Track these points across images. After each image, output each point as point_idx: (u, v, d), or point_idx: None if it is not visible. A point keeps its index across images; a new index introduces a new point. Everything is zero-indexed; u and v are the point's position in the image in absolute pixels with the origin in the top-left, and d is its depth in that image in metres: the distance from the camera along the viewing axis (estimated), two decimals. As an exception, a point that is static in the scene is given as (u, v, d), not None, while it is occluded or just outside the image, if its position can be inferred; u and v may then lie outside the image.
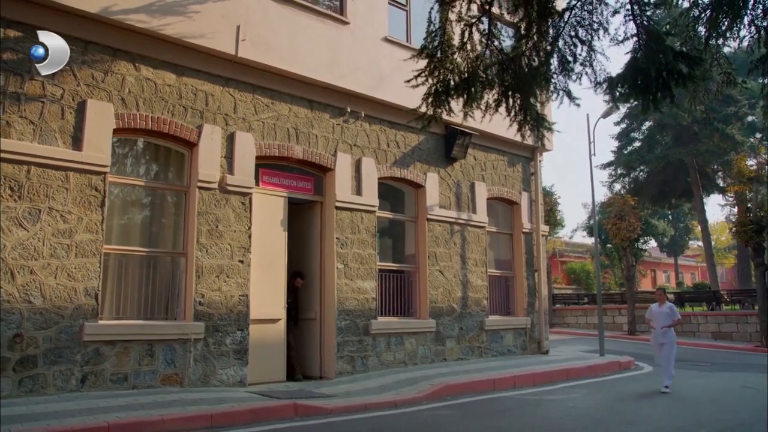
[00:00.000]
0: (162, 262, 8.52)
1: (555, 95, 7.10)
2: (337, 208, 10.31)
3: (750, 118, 32.51)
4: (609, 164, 36.42)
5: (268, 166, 9.69)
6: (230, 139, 9.01)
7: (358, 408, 7.50)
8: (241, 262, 8.90)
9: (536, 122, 7.44)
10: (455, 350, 11.93)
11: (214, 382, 8.36)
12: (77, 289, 7.40)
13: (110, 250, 7.92)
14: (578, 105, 6.97)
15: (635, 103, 8.88)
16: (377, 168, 11.03)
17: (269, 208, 9.58)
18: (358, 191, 10.66)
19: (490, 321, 12.78)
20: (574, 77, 6.88)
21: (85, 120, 7.66)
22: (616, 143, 36.66)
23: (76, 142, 7.61)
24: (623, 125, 35.83)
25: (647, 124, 33.87)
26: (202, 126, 8.72)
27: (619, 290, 28.93)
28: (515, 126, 8.18)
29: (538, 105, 7.42)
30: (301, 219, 10.24)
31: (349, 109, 10.63)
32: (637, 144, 35.92)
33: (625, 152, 35.79)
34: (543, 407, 8.07)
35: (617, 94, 7.15)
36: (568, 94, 7.06)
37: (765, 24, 7.66)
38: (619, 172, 36.18)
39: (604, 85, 6.93)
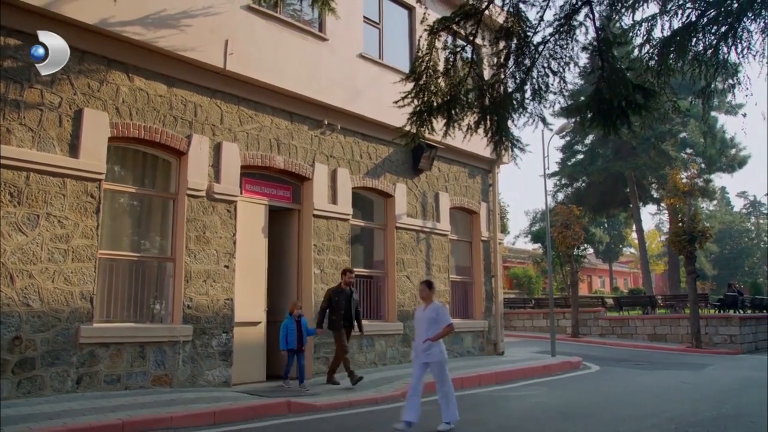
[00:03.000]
0: (151, 266, 8.81)
1: (531, 120, 7.84)
2: (315, 216, 10.80)
3: (682, 135, 34.77)
4: (554, 174, 38.13)
5: (250, 175, 10.09)
6: (217, 149, 9.38)
7: (343, 405, 8.02)
8: (227, 267, 9.28)
9: (511, 143, 8.17)
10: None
11: (201, 383, 8.70)
12: (73, 293, 7.63)
13: (104, 255, 8.17)
14: (551, 130, 7.73)
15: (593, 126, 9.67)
16: (351, 178, 11.58)
17: (251, 215, 9.98)
18: (334, 200, 11.18)
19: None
20: (547, 105, 7.62)
21: (81, 128, 7.91)
22: (560, 155, 38.45)
23: (73, 150, 7.84)
24: (567, 138, 37.59)
25: (590, 137, 35.64)
26: (191, 136, 9.06)
27: (560, 295, 30.31)
28: (484, 142, 8.92)
29: (514, 128, 8.14)
30: (279, 226, 10.67)
31: (326, 122, 11.14)
32: (580, 156, 37.79)
33: (569, 164, 37.58)
34: (512, 402, 8.81)
35: (584, 120, 7.94)
36: (543, 120, 7.83)
37: (707, 59, 8.65)
38: (563, 182, 37.94)
39: (574, 113, 7.69)
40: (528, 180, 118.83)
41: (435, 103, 8.17)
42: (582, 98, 9.07)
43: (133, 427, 6.05)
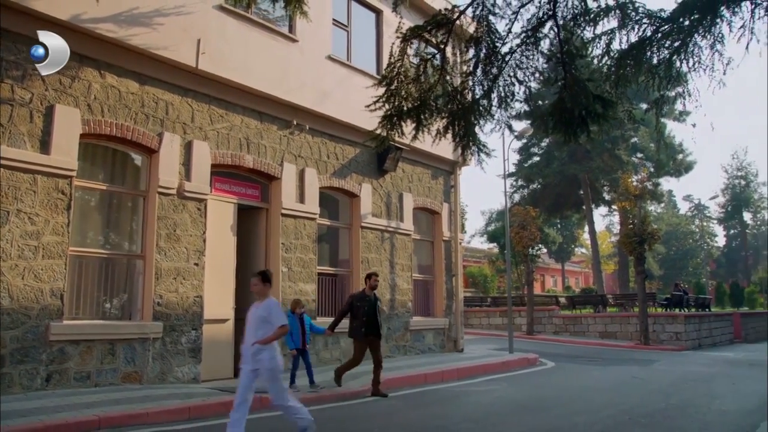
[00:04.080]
0: (122, 264, 8.83)
1: (498, 127, 8.20)
2: (283, 215, 10.95)
3: (634, 140, 36.10)
4: (510, 175, 38.99)
5: (220, 173, 10.17)
6: (188, 148, 9.44)
7: (313, 400, 8.20)
8: (196, 265, 9.36)
9: (478, 148, 8.51)
10: (383, 348, 12.82)
11: (170, 380, 8.77)
12: (43, 290, 7.62)
13: (74, 252, 8.16)
14: (517, 137, 8.09)
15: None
16: (318, 178, 11.76)
17: (221, 213, 10.06)
18: (302, 199, 11.34)
19: (414, 322, 13.83)
20: (513, 112, 7.98)
21: (53, 124, 7.89)
22: (517, 157, 39.38)
23: (44, 146, 7.82)
24: (524, 141, 38.51)
25: (546, 140, 36.58)
26: (162, 134, 9.11)
27: (515, 293, 31.08)
28: (447, 144, 9.27)
29: (480, 133, 8.48)
30: (248, 224, 10.77)
31: (295, 122, 11.29)
32: (536, 158, 38.78)
33: (526, 165, 38.51)
34: (474, 397, 9.17)
35: (546, 127, 8.35)
36: (509, 127, 8.20)
37: (660, 72, 9.16)
38: (519, 183, 38.85)
39: (537, 120, 8.07)
40: (484, 180, 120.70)
41: (405, 108, 8.43)
42: (540, 102, 9.45)
43: (110, 423, 6.13)
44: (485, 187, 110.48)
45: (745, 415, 7.68)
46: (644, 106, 29.44)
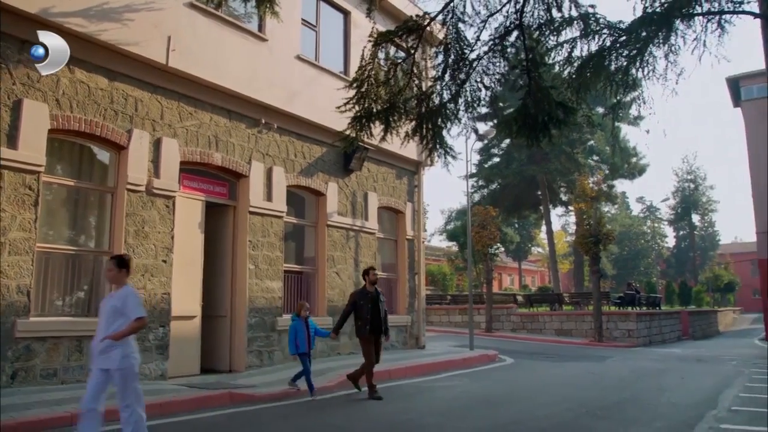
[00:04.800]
0: (89, 260, 8.78)
1: (465, 131, 8.47)
2: (250, 212, 11.01)
3: (590, 143, 37.14)
4: (471, 176, 39.57)
5: (188, 170, 10.19)
6: (157, 144, 9.43)
7: (281, 396, 8.36)
8: (165, 261, 9.37)
9: (445, 151, 8.77)
10: (348, 345, 13.03)
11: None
12: (10, 287, 7.55)
13: (41, 248, 8.09)
14: (480, 139, 8.38)
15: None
16: (286, 176, 11.86)
17: (189, 210, 10.08)
18: (269, 198, 11.43)
19: (377, 319, 14.02)
20: (481, 119, 8.26)
21: (20, 119, 7.80)
22: (477, 157, 40.02)
23: (12, 141, 7.73)
24: (485, 142, 39.15)
25: (506, 142, 37.27)
26: (131, 130, 9.08)
27: (474, 291, 31.59)
28: (412, 144, 9.51)
29: (447, 136, 8.75)
30: (215, 222, 10.80)
31: (263, 121, 11.36)
32: (496, 159, 39.48)
33: (486, 166, 39.17)
34: (438, 392, 9.44)
35: (511, 132, 8.67)
36: (476, 131, 8.49)
37: (618, 79, 9.59)
38: (480, 183, 39.49)
39: (502, 125, 8.38)
40: (444, 180, 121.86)
41: (375, 110, 8.64)
42: (502, 104, 9.78)
43: (82, 419, 6.14)
44: (445, 186, 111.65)
45: (692, 407, 8.15)
46: (601, 109, 30.36)
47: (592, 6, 8.01)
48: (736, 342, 25.84)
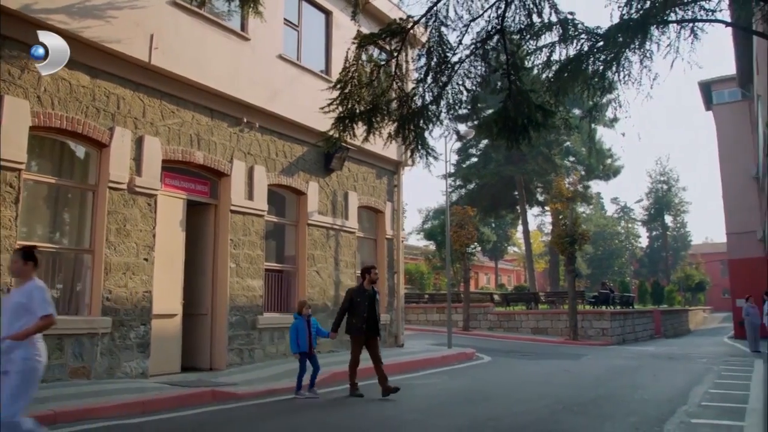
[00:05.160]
0: (70, 258, 8.75)
1: (447, 133, 8.62)
2: (232, 211, 11.04)
3: (567, 144, 37.67)
4: (449, 175, 39.83)
5: (170, 169, 10.18)
6: (139, 143, 9.42)
7: (264, 393, 8.43)
8: (146, 260, 9.37)
9: (427, 152, 8.91)
10: (327, 343, 13.07)
11: (118, 374, 8.77)
12: (-10, 284, 7.50)
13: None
14: (460, 139, 8.53)
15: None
16: (267, 175, 11.90)
17: (170, 209, 10.08)
18: (250, 196, 11.46)
19: (357, 317, 14.13)
20: (461, 121, 8.42)
21: (1, 116, 7.73)
22: (456, 157, 40.29)
23: (-8, 138, 7.67)
24: (464, 142, 39.45)
25: (484, 142, 37.59)
26: (113, 128, 9.06)
27: (451, 290, 31.84)
28: (392, 144, 9.65)
29: (430, 138, 8.89)
30: (196, 220, 10.81)
31: (245, 120, 11.39)
32: (474, 159, 39.81)
33: (464, 166, 39.48)
34: (419, 389, 9.58)
35: (491, 134, 8.84)
36: (457, 133, 8.63)
37: (595, 82, 9.82)
38: (457, 183, 39.79)
39: (483, 128, 8.54)
40: (421, 179, 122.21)
41: (358, 111, 8.74)
42: (479, 104, 9.97)
43: (66, 418, 6.16)
44: (422, 185, 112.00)
45: (664, 403, 8.40)
46: (577, 111, 30.86)
47: (571, 13, 8.16)
48: (706, 340, 26.49)
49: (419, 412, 7.69)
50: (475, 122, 10.67)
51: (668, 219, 67.95)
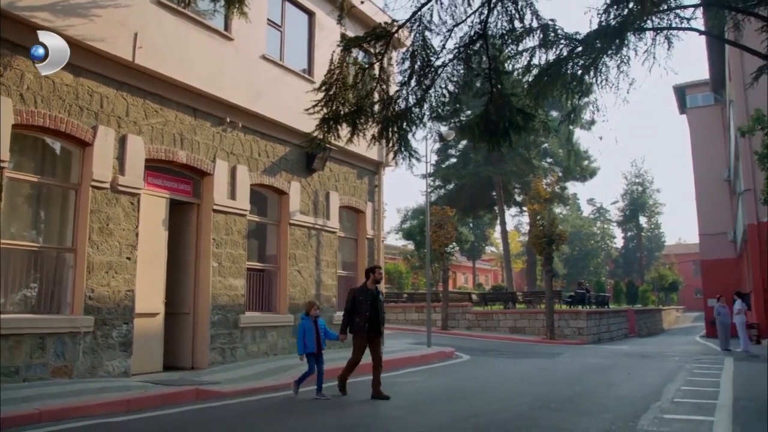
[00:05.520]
0: (52, 257, 8.72)
1: (430, 135, 8.77)
2: (214, 210, 11.07)
3: (545, 145, 38.14)
4: (429, 175, 40.06)
5: (153, 168, 10.18)
6: (122, 142, 9.42)
7: (247, 392, 8.50)
8: (129, 259, 9.37)
9: (410, 154, 9.05)
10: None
11: (101, 373, 8.77)
12: (-28, 283, 7.47)
13: (4, 245, 7.98)
14: (450, 146, 8.69)
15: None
16: (250, 175, 11.94)
17: (153, 208, 10.08)
18: (233, 196, 11.50)
19: (338, 316, 14.17)
20: (444, 123, 8.59)
21: (-16, 114, 7.71)
22: (435, 157, 40.54)
23: (-26, 136, 7.64)
24: (444, 143, 39.73)
25: (463, 143, 37.91)
26: (97, 127, 9.05)
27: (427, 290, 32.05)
28: (378, 147, 9.79)
29: (413, 140, 9.03)
30: (179, 219, 10.82)
31: (228, 120, 11.43)
32: (453, 160, 40.11)
33: (443, 166, 39.77)
34: (400, 387, 9.70)
35: (473, 137, 9.02)
36: (440, 135, 8.79)
37: (573, 86, 10.04)
38: (437, 183, 40.05)
39: (465, 130, 8.71)
40: (400, 179, 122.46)
41: (342, 112, 8.85)
42: (458, 105, 10.12)
43: (51, 417, 6.18)
44: (401, 185, 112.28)
45: (638, 399, 8.65)
46: (555, 113, 31.25)
47: (552, 20, 8.37)
48: (678, 339, 27.06)
49: (402, 409, 7.83)
50: (456, 123, 10.80)
51: (643, 220, 68.99)
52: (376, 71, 8.66)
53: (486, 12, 8.25)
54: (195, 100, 10.72)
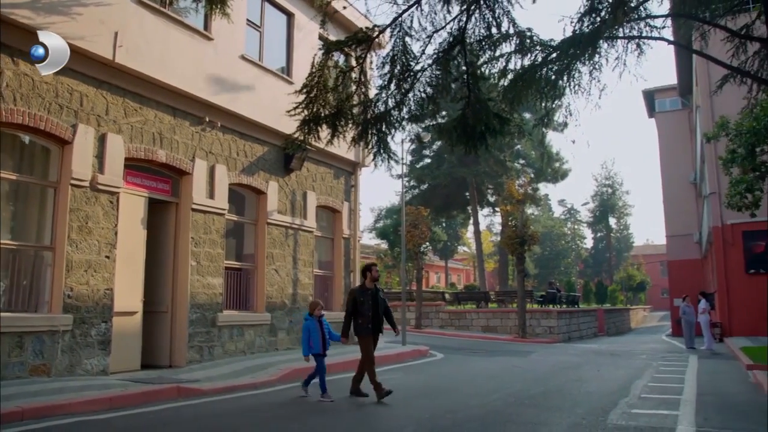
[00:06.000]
0: (30, 255, 8.70)
1: (408, 137, 8.96)
2: (193, 209, 11.11)
3: (518, 147, 38.71)
4: (402, 176, 40.37)
5: (132, 167, 10.19)
6: (102, 140, 9.43)
7: (227, 389, 8.59)
8: (108, 257, 9.38)
9: (388, 156, 9.24)
10: (285, 341, 13.33)
11: (79, 372, 8.78)
12: (-50, 281, 7.44)
13: (-18, 243, 7.99)
14: (425, 147, 8.89)
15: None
16: (228, 174, 12.00)
17: (132, 207, 10.10)
18: (212, 195, 11.55)
19: (313, 315, 14.36)
20: (420, 124, 8.79)
21: (-38, 112, 7.68)
22: (410, 158, 40.81)
23: (-47, 134, 7.60)
24: (422, 144, 39.99)
25: (437, 144, 38.25)
26: (76, 125, 9.05)
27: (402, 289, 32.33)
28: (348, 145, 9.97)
29: (392, 142, 9.23)
30: (157, 218, 10.84)
31: (207, 119, 11.47)
32: (427, 160, 40.45)
33: (418, 167, 40.07)
34: (377, 385, 9.88)
35: (450, 140, 9.24)
36: (418, 138, 8.98)
37: (547, 91, 10.33)
38: (411, 183, 40.33)
39: (443, 133, 8.93)
40: (374, 178, 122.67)
41: (323, 114, 9.00)
42: (432, 106, 10.37)
43: (33, 414, 6.20)
44: (375, 184, 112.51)
45: (607, 395, 8.97)
46: (528, 115, 31.71)
47: (530, 29, 8.63)
48: (646, 338, 27.76)
49: (381, 405, 8.00)
50: (433, 125, 11.03)
51: (612, 221, 70.34)
52: (357, 74, 8.82)
53: (465, 19, 8.47)
54: (174, 99, 10.75)
